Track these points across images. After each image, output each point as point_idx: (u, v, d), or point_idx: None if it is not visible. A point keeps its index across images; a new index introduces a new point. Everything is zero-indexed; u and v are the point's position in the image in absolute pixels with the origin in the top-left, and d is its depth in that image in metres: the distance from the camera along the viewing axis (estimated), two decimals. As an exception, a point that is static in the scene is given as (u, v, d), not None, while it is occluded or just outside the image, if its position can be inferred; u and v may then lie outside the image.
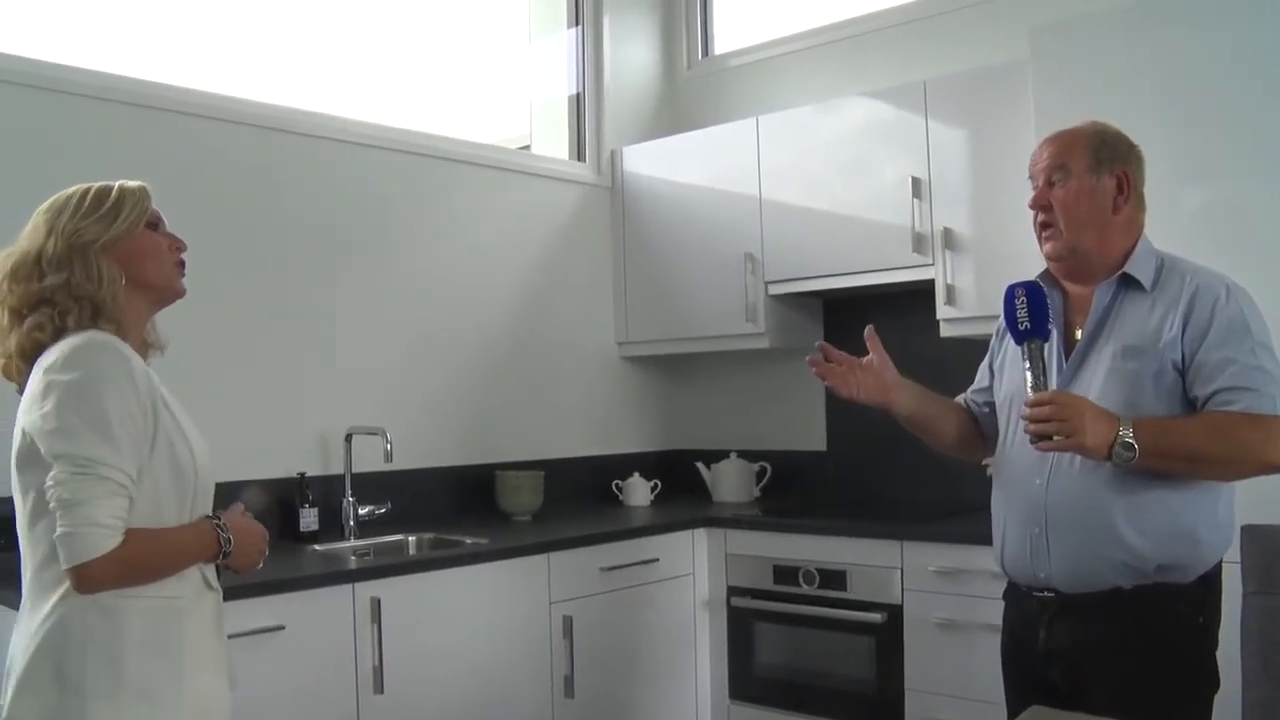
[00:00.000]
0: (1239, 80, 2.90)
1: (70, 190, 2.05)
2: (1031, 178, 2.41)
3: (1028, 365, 2.22)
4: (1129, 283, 2.29)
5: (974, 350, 3.98)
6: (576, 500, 4.45)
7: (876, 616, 3.57)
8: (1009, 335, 2.35)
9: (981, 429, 2.69)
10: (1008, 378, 2.47)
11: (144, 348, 2.14)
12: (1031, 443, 2.22)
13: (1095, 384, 2.25)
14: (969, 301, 3.70)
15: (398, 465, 3.85)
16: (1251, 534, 2.05)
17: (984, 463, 3.63)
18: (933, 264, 3.77)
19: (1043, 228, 2.36)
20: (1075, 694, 2.18)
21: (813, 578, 3.74)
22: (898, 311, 4.13)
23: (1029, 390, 2.21)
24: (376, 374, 3.94)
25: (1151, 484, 2.18)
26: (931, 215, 3.76)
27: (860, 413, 4.37)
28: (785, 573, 3.81)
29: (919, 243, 3.78)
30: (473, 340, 4.28)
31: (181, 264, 2.16)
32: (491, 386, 4.33)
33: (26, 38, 3.25)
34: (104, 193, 2.04)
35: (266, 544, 2.22)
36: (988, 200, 3.65)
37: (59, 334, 1.94)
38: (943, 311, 3.75)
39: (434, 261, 4.16)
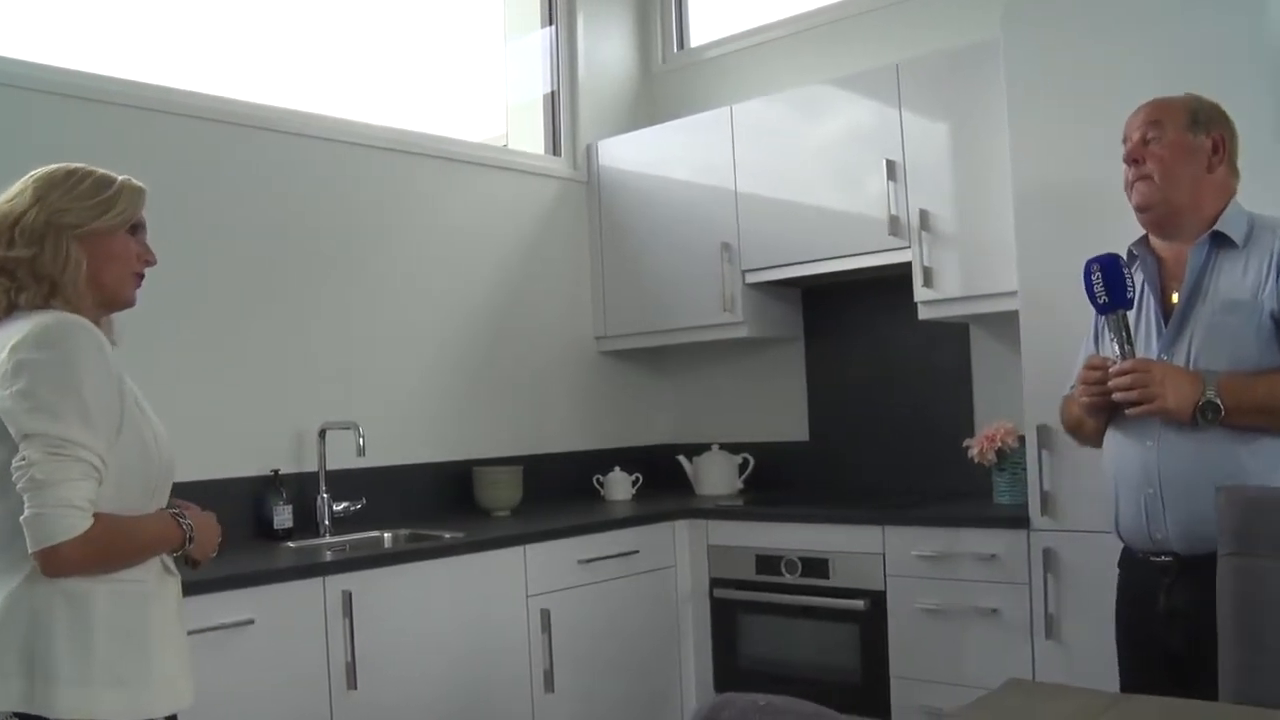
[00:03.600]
0: (1210, 55, 2.86)
1: (70, 166, 2.00)
2: (1125, 139, 2.42)
3: (1112, 336, 2.28)
4: (1221, 241, 2.30)
5: (954, 332, 4.00)
6: (558, 495, 4.41)
7: (860, 604, 3.53)
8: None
9: None
10: (1104, 348, 2.44)
11: None
12: (1125, 410, 2.26)
13: (1196, 343, 2.26)
14: (946, 283, 3.66)
15: (375, 462, 3.83)
16: (1228, 494, 2.01)
17: (965, 444, 3.63)
18: (909, 247, 3.72)
19: (1134, 181, 2.37)
20: (1197, 659, 2.14)
21: (795, 567, 3.70)
22: (876, 297, 4.13)
23: (1115, 359, 2.26)
24: (353, 370, 3.90)
25: (1266, 434, 2.19)
26: (907, 198, 3.73)
27: (843, 402, 4.40)
28: (768, 562, 3.77)
29: (895, 226, 3.74)
30: (451, 336, 4.24)
31: (140, 276, 2.11)
32: (470, 382, 4.29)
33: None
34: (105, 182, 2.01)
35: (221, 535, 2.19)
36: (963, 181, 3.62)
37: (9, 309, 1.90)
38: (921, 294, 3.71)
39: (410, 257, 4.12)
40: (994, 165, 3.42)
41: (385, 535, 3.74)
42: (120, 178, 2.04)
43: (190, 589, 2.61)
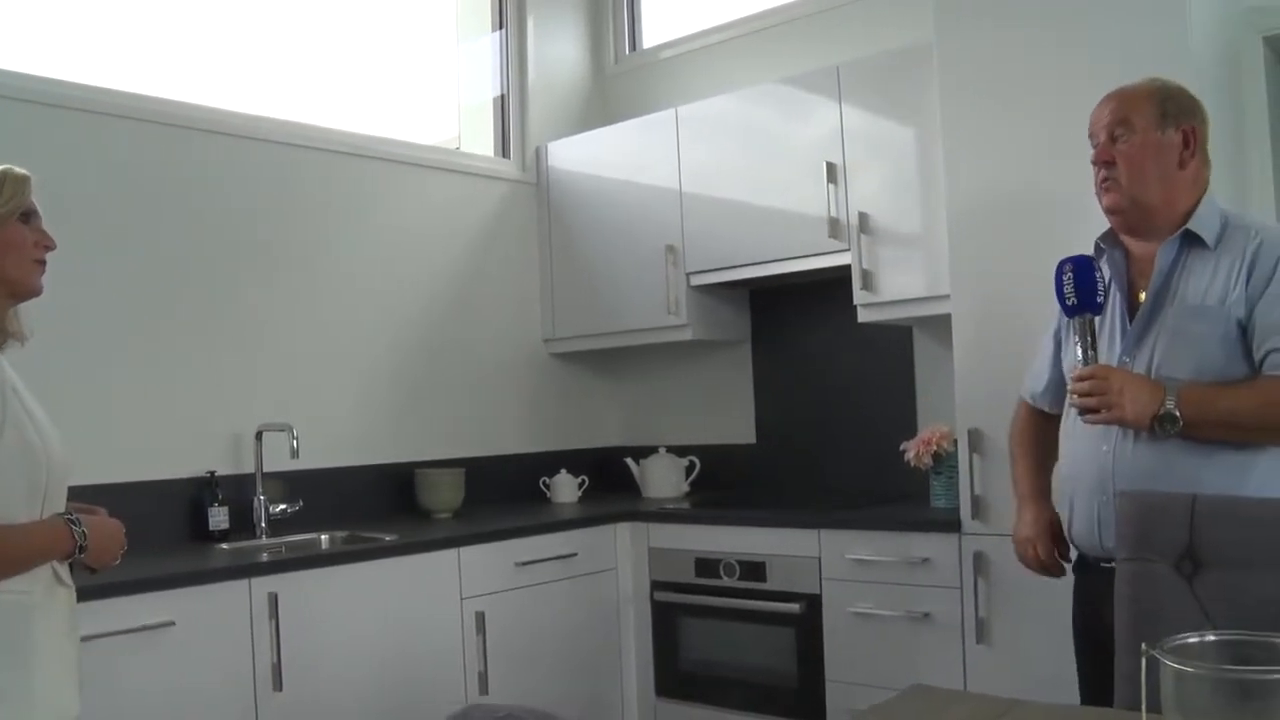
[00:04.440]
0: (1138, 57, 2.86)
1: None
2: (1092, 135, 2.33)
3: (1076, 340, 2.22)
4: (1192, 240, 2.24)
5: (898, 335, 4.00)
6: (504, 498, 4.40)
7: (795, 607, 3.53)
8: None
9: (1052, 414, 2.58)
10: (1068, 349, 2.41)
11: (2, 336, 2.06)
12: (1080, 416, 2.22)
13: (1159, 349, 2.20)
14: (885, 286, 3.66)
15: (316, 463, 3.83)
16: (1127, 499, 2.01)
17: (901, 448, 3.63)
18: (849, 250, 3.72)
19: (1103, 182, 2.30)
20: None
21: (733, 570, 3.69)
22: (822, 299, 4.13)
23: (1077, 364, 2.21)
24: (295, 372, 3.89)
25: (1224, 446, 2.14)
26: (847, 200, 3.72)
27: (790, 405, 4.40)
28: (707, 565, 3.77)
29: (835, 229, 3.74)
30: (397, 337, 4.23)
31: (42, 263, 2.08)
32: (415, 384, 4.27)
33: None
34: None
35: (124, 541, 2.15)
36: (902, 184, 3.61)
37: None
38: (860, 297, 3.70)
39: (356, 259, 4.11)
40: (933, 167, 3.42)
41: (322, 537, 3.72)
42: (2, 167, 2.01)
43: (109, 591, 2.63)
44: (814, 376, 4.31)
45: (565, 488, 4.42)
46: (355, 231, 4.11)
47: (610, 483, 4.69)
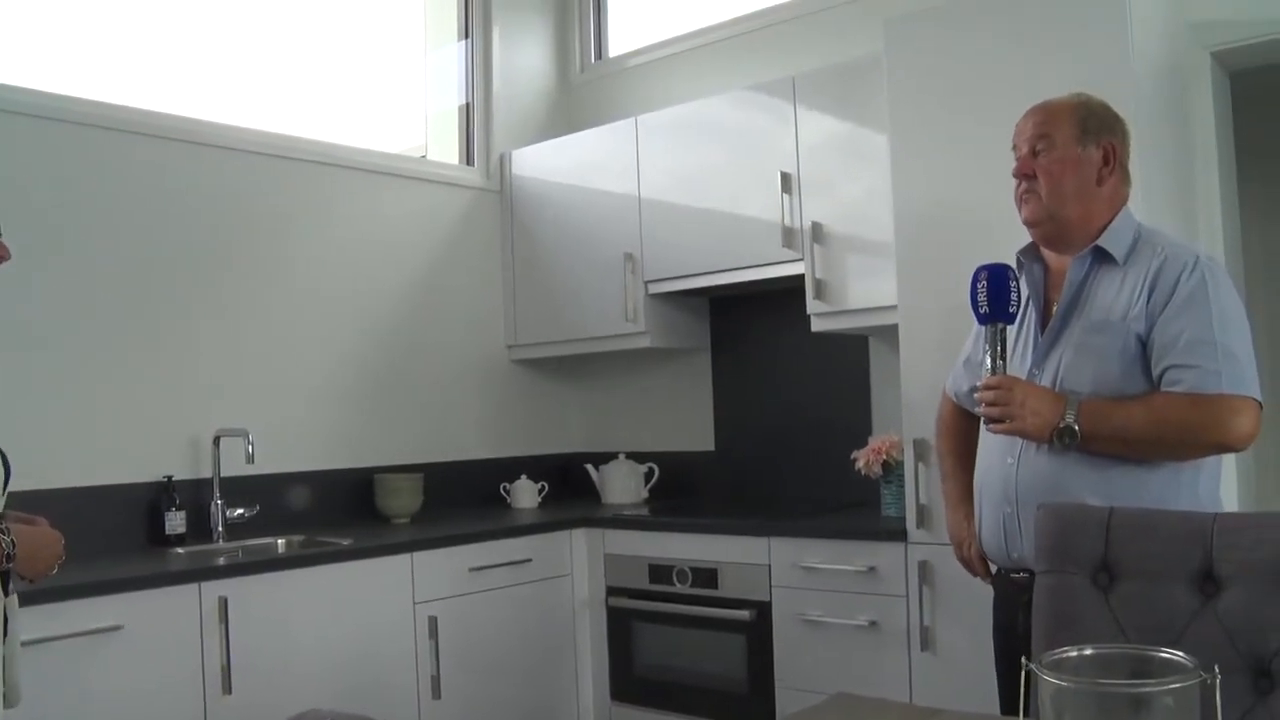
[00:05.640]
0: (1082, 73, 2.89)
1: None
2: (1015, 147, 2.37)
3: (986, 348, 2.24)
4: (1103, 256, 2.27)
5: (854, 344, 4.04)
6: (464, 504, 4.43)
7: (745, 614, 3.56)
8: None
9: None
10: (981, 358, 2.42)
11: None
12: (986, 425, 2.25)
13: (1065, 361, 2.24)
14: (838, 296, 3.69)
15: (275, 468, 3.85)
16: (1046, 512, 2.04)
17: (852, 457, 3.66)
18: (803, 259, 3.75)
19: (1023, 195, 2.34)
20: None
21: (686, 576, 3.72)
22: (780, 308, 4.16)
23: (985, 372, 2.23)
24: (255, 377, 3.91)
25: (1124, 459, 2.17)
26: (801, 210, 3.76)
27: (748, 413, 4.43)
28: (660, 572, 3.80)
29: (789, 238, 3.77)
30: (359, 344, 4.25)
31: None
32: (377, 390, 4.29)
33: None
34: None
35: (62, 551, 2.15)
36: (854, 194, 3.64)
37: None
38: (813, 306, 3.74)
39: (317, 266, 4.13)
40: (885, 178, 3.45)
41: (279, 541, 3.74)
42: None
43: (55, 596, 2.63)
44: (773, 384, 4.35)
45: (525, 493, 4.45)
46: (317, 238, 4.14)
47: (571, 489, 4.72)
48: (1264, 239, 4.35)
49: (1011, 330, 2.31)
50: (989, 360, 2.24)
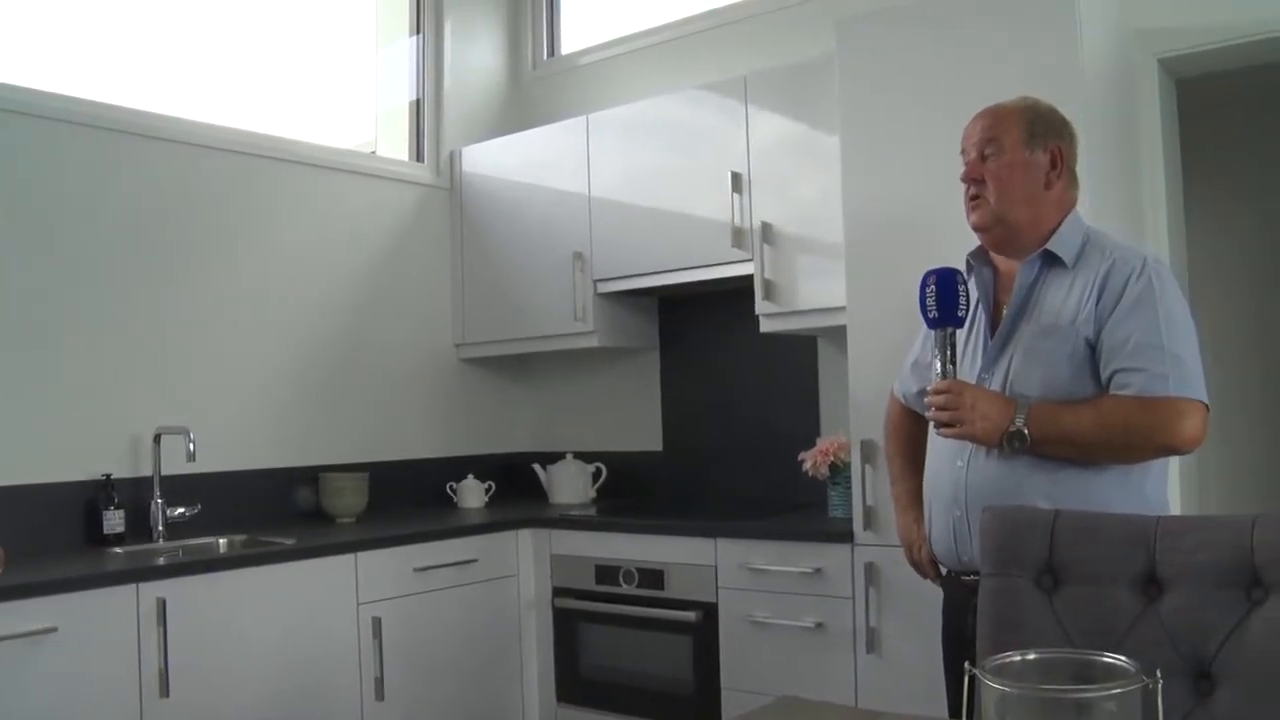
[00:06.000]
0: (1034, 76, 2.91)
1: None
2: (963, 152, 2.37)
3: (935, 352, 2.23)
4: (1052, 260, 2.27)
5: (803, 345, 4.04)
6: (410, 503, 4.39)
7: (691, 615, 3.54)
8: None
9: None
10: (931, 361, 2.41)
11: None
12: (935, 429, 2.25)
13: (1014, 365, 2.24)
14: (787, 297, 3.69)
15: (218, 466, 3.81)
16: (990, 515, 2.03)
17: (800, 458, 3.66)
18: (752, 259, 3.75)
19: (971, 200, 2.33)
20: None
21: (632, 577, 3.70)
22: (729, 308, 4.15)
23: (935, 376, 2.22)
24: (198, 374, 3.85)
25: (1073, 462, 2.17)
26: (751, 210, 3.75)
27: (697, 414, 4.43)
28: (607, 572, 3.78)
29: (739, 238, 3.77)
30: (305, 341, 4.20)
31: None
32: (323, 387, 4.24)
33: None
34: None
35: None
36: (805, 194, 3.64)
37: None
38: (761, 307, 3.73)
39: (263, 261, 4.07)
40: (836, 179, 3.45)
41: (220, 541, 3.69)
42: None
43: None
44: (721, 385, 4.34)
45: (472, 493, 4.41)
46: (264, 234, 4.08)
47: (518, 489, 4.69)
48: (1208, 242, 4.40)
49: (961, 334, 2.31)
50: (938, 364, 2.24)
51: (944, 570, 2.48)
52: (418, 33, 4.82)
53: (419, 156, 4.77)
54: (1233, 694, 1.75)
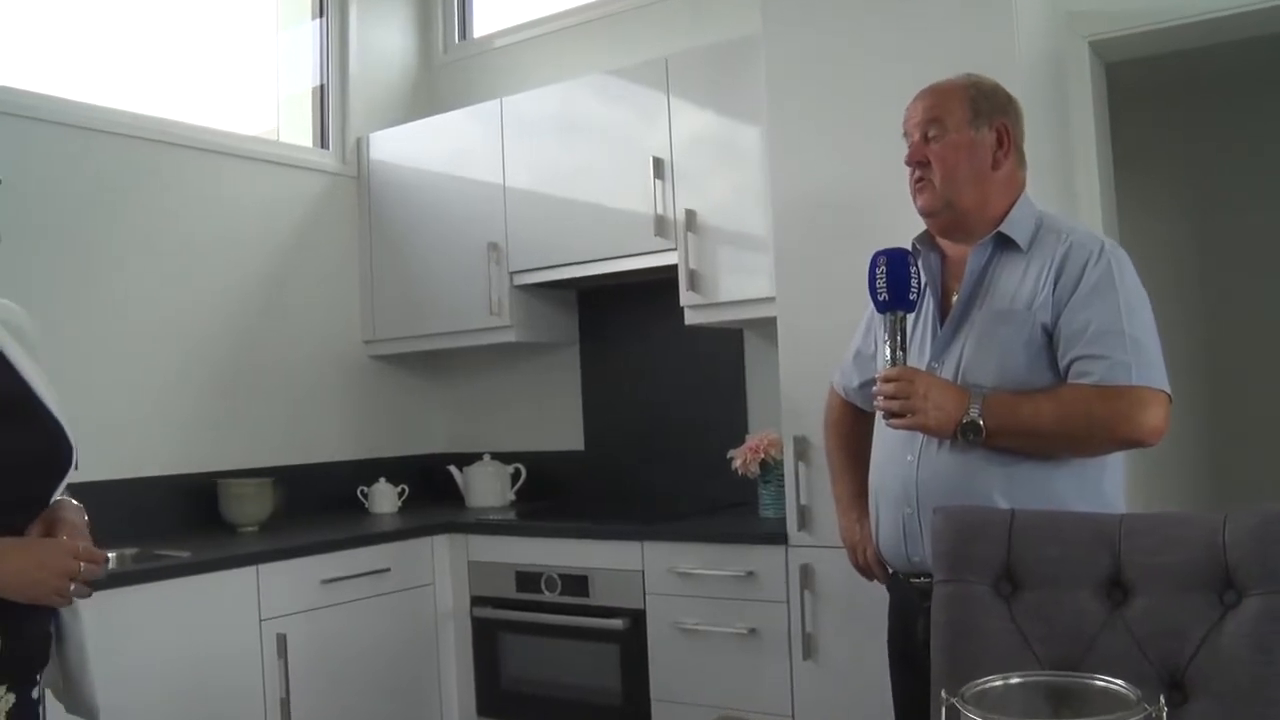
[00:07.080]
0: (966, 61, 2.78)
1: None
2: (906, 134, 2.25)
3: (885, 338, 2.11)
4: (1005, 243, 2.16)
5: (729, 338, 3.89)
6: (318, 509, 4.17)
7: (618, 623, 3.38)
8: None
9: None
10: (879, 347, 2.29)
11: None
12: (885, 420, 2.12)
13: (967, 353, 2.12)
14: (712, 288, 3.54)
15: (106, 474, 3.54)
16: (943, 516, 1.90)
17: (729, 455, 3.52)
18: (676, 249, 3.59)
19: (917, 183, 2.21)
20: None
21: (555, 584, 3.53)
22: (651, 300, 4.01)
23: (885, 364, 2.11)
24: (82, 374, 3.57)
25: (1030, 456, 2.06)
26: (674, 198, 3.59)
27: (619, 412, 4.26)
28: (528, 579, 3.60)
29: (661, 227, 3.61)
30: (201, 338, 3.96)
31: None
32: (222, 388, 4.00)
33: None
34: None
35: (76, 565, 1.91)
36: (730, 181, 3.50)
37: None
38: (686, 298, 3.58)
39: (154, 253, 3.82)
40: (762, 164, 3.31)
41: (109, 555, 3.43)
42: None
43: None
44: (645, 381, 4.19)
45: (384, 497, 4.21)
46: (153, 222, 3.83)
47: (433, 492, 4.50)
48: (1139, 229, 4.33)
49: (910, 319, 2.18)
50: (888, 351, 2.11)
51: (891, 571, 2.34)
52: (321, 15, 4.59)
53: (324, 143, 4.54)
54: (1206, 705, 1.63)
